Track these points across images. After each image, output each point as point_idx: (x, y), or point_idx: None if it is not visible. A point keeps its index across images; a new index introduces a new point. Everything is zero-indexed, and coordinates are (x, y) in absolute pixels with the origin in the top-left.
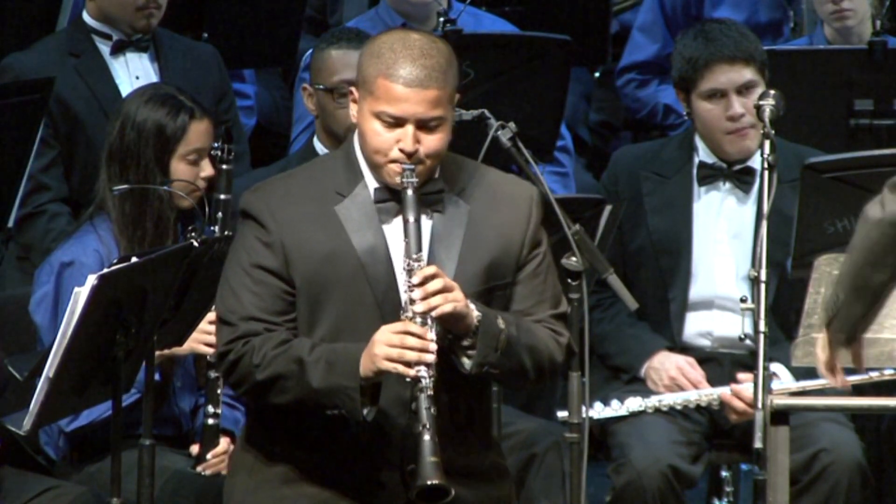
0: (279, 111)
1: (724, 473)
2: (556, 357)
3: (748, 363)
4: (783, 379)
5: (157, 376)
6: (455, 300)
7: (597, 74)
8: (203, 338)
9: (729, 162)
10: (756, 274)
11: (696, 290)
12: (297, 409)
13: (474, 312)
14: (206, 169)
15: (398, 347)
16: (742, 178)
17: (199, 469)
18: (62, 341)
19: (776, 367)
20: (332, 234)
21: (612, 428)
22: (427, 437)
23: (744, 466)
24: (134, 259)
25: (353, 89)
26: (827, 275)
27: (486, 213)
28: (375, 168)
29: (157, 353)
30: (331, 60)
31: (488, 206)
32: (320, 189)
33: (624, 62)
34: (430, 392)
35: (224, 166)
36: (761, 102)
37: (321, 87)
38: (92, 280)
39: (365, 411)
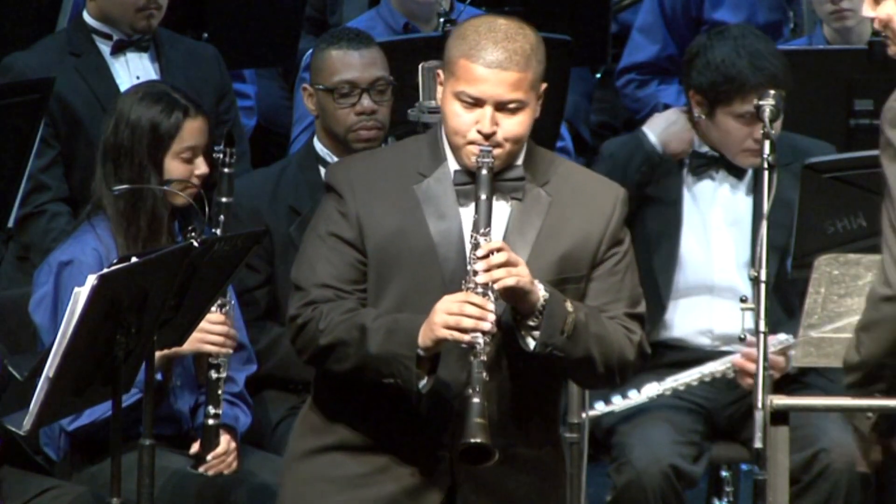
0: (279, 111)
1: (723, 473)
2: (628, 354)
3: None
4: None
5: (158, 376)
6: (519, 275)
7: (597, 75)
8: (206, 337)
9: (722, 154)
10: (756, 274)
11: (692, 278)
12: (357, 378)
13: (541, 292)
14: (201, 167)
15: (456, 315)
16: (734, 166)
17: (200, 469)
18: (62, 341)
19: (782, 336)
20: (407, 211)
21: (613, 427)
22: (476, 399)
23: (744, 466)
24: (134, 259)
25: (439, 71)
26: (827, 275)
27: (568, 207)
28: (455, 150)
29: (160, 353)
30: (331, 60)
31: (571, 200)
32: (403, 168)
33: (624, 63)
34: (484, 358)
35: (226, 170)
36: (761, 102)
37: (321, 87)
38: (92, 280)
39: (422, 383)
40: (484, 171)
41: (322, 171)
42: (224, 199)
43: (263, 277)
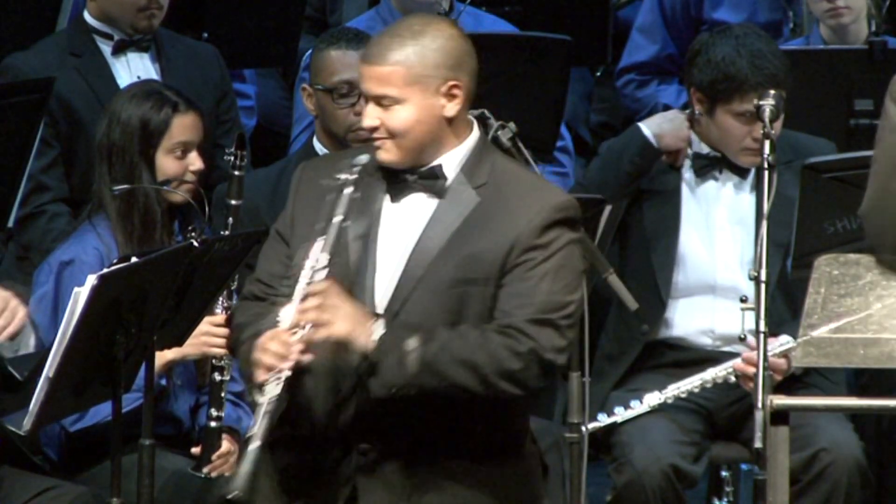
0: (279, 111)
1: (723, 473)
2: (509, 365)
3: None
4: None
5: (163, 381)
6: (329, 325)
7: (597, 74)
8: (211, 340)
9: (722, 153)
10: (756, 274)
11: (693, 277)
12: None
13: (372, 336)
14: (196, 163)
15: (260, 350)
16: (737, 165)
17: (204, 471)
18: (62, 341)
19: (783, 338)
20: (325, 212)
21: (613, 427)
22: (252, 445)
23: (744, 466)
24: (134, 259)
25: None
26: (827, 275)
27: (495, 210)
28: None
29: (166, 358)
30: (330, 60)
31: (500, 204)
32: (345, 165)
33: (624, 63)
34: (272, 401)
35: (236, 172)
36: (761, 102)
37: (320, 87)
38: (92, 280)
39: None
40: (345, 191)
41: None
42: (233, 202)
43: None
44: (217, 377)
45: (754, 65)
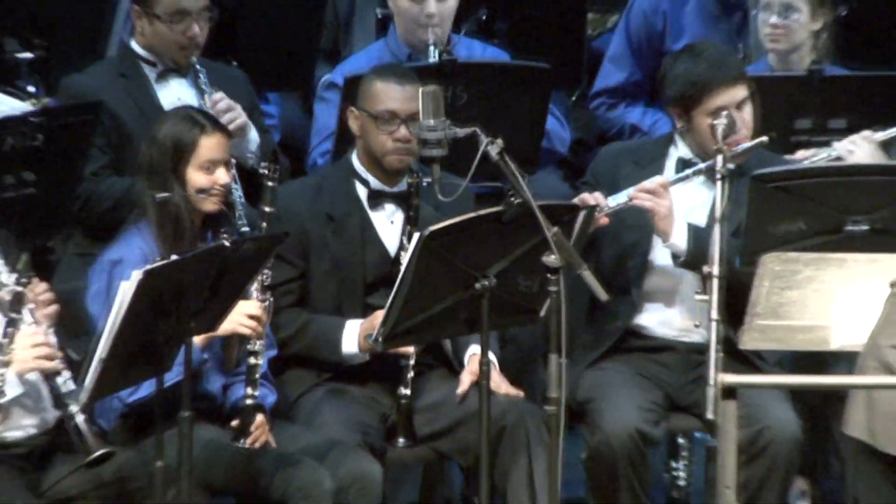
0: (298, 128)
1: (680, 441)
2: None
3: (702, 349)
4: None
5: (204, 355)
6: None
7: (573, 98)
8: (242, 320)
9: (704, 159)
10: (710, 270)
11: (659, 283)
12: None
13: None
14: (222, 177)
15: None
16: (713, 175)
17: (243, 442)
18: (112, 328)
19: None
20: None
21: (587, 399)
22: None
23: (697, 435)
24: (174, 257)
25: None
26: (771, 270)
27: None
28: None
29: (204, 336)
30: (377, 90)
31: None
32: None
33: (596, 88)
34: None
35: (270, 183)
36: (714, 122)
37: (366, 112)
38: (137, 275)
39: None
40: None
41: (357, 184)
42: (267, 209)
43: (299, 272)
44: (252, 360)
45: (715, 66)
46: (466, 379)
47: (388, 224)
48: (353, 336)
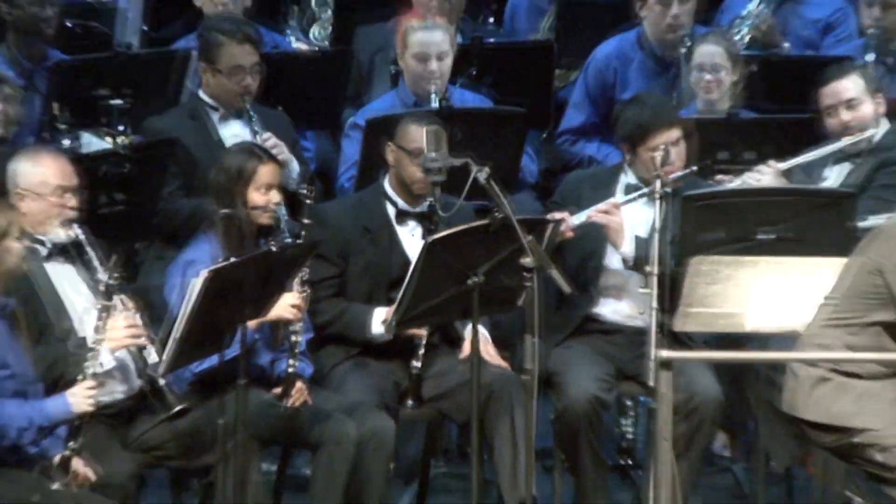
0: (328, 160)
1: (628, 403)
2: None
3: (644, 331)
4: None
5: (255, 335)
6: None
7: (543, 135)
8: (286, 307)
9: (647, 183)
10: (651, 270)
11: (612, 282)
12: None
13: None
14: (275, 197)
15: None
16: (653, 196)
17: (285, 403)
18: (185, 314)
19: None
20: None
21: (556, 368)
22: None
23: (641, 398)
24: (233, 259)
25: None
26: (697, 270)
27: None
28: None
29: (257, 320)
30: (411, 130)
31: None
32: None
33: (561, 128)
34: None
35: (308, 201)
36: (654, 155)
37: (402, 148)
38: (205, 273)
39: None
40: None
41: (388, 204)
42: (305, 221)
43: (339, 271)
44: (293, 338)
45: (655, 112)
46: (467, 347)
47: (409, 236)
48: (379, 320)
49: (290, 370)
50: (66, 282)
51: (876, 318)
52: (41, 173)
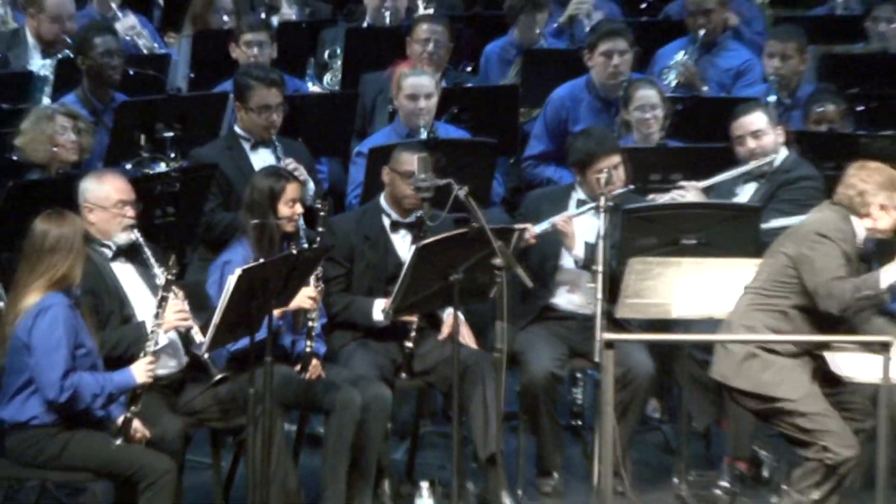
0: (339, 181)
1: (578, 375)
2: None
3: (592, 318)
4: None
5: (279, 322)
6: None
7: (510, 161)
8: (304, 299)
9: (594, 199)
10: (597, 269)
11: (566, 278)
12: None
13: None
14: (299, 210)
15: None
16: (599, 210)
17: (304, 375)
18: (222, 304)
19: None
20: None
21: (520, 349)
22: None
23: (590, 372)
24: (261, 260)
25: None
26: (635, 269)
27: None
28: None
29: (280, 310)
30: (404, 157)
31: None
32: None
33: (525, 155)
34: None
35: (322, 213)
36: (599, 177)
37: (396, 171)
38: (238, 271)
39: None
40: None
41: (384, 218)
42: (320, 230)
43: (346, 270)
44: (311, 323)
45: (599, 142)
46: (445, 330)
47: (402, 242)
48: (379, 309)
49: (308, 349)
50: (128, 278)
51: (791, 303)
52: (105, 189)
